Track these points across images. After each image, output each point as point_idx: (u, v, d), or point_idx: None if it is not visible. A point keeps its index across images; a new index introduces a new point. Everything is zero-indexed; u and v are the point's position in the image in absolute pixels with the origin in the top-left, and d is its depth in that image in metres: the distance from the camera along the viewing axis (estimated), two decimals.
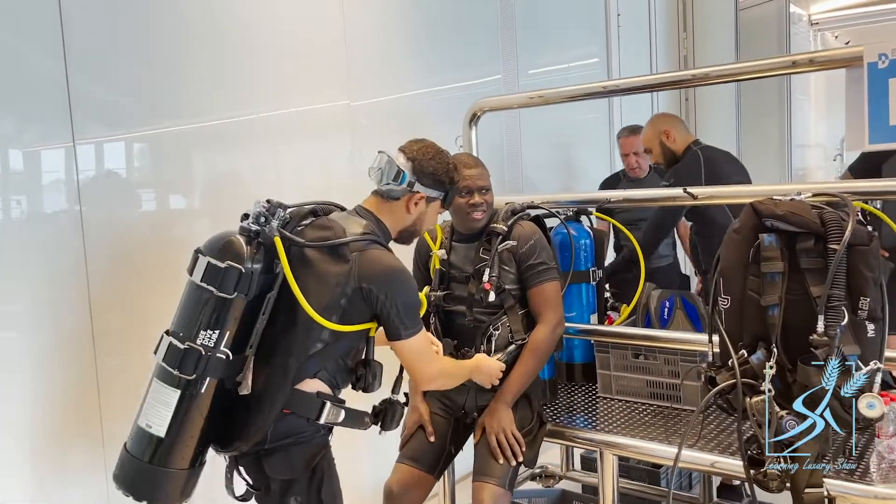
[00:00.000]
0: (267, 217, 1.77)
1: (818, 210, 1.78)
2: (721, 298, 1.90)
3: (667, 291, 2.90)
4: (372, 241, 1.84)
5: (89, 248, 2.18)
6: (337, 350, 1.83)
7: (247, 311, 1.75)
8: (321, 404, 1.80)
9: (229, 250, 1.73)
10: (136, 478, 1.73)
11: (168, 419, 1.70)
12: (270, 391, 1.77)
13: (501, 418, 2.20)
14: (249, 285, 1.72)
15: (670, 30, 5.55)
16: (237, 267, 1.71)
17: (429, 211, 2.00)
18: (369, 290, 1.78)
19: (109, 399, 2.23)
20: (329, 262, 1.79)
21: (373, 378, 1.88)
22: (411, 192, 1.93)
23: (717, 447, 2.07)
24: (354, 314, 1.80)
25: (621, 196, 2.66)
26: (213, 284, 1.70)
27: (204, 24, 2.59)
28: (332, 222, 1.87)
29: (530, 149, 4.19)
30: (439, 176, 1.96)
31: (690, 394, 2.38)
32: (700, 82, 2.28)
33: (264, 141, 2.79)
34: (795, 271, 1.77)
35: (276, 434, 1.78)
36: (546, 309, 2.26)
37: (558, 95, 2.66)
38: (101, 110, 2.28)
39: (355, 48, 3.08)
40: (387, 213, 1.95)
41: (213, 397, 1.74)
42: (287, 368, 1.77)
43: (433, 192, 1.97)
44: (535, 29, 4.24)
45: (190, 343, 1.70)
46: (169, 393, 1.71)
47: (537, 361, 2.26)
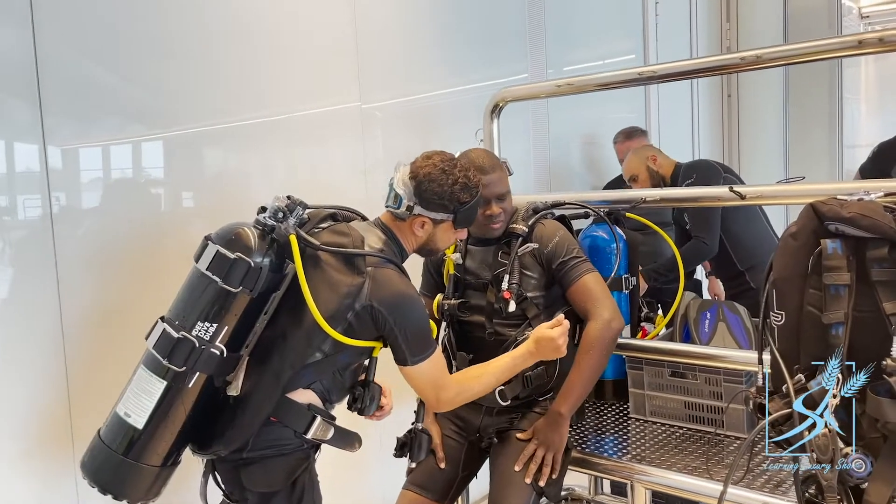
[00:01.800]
0: (285, 213, 1.70)
1: (892, 212, 1.52)
2: (774, 314, 1.64)
3: (708, 301, 2.66)
4: (388, 260, 1.76)
5: (59, 246, 2.04)
6: (336, 363, 1.74)
7: (249, 308, 1.67)
8: (311, 417, 1.71)
9: (240, 242, 1.66)
10: (104, 468, 1.65)
11: (149, 411, 1.62)
12: (259, 396, 1.68)
13: (555, 435, 1.97)
14: (256, 281, 1.63)
15: (712, 21, 5.27)
16: (246, 260, 1.63)
17: (438, 233, 1.86)
18: (379, 312, 1.69)
19: (79, 399, 2.09)
20: (342, 272, 1.71)
21: (370, 400, 1.80)
22: (413, 215, 1.81)
23: (768, 484, 1.83)
24: (360, 330, 1.71)
25: (658, 195, 2.40)
26: (218, 275, 1.62)
27: (209, 25, 2.44)
28: (351, 230, 1.78)
29: (559, 146, 3.97)
30: (441, 200, 1.80)
31: (735, 418, 2.15)
32: (749, 66, 2.01)
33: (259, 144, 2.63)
34: (865, 284, 1.51)
35: (258, 442, 1.69)
36: (594, 304, 2.00)
37: (589, 83, 2.43)
38: (72, 109, 2.13)
39: (367, 49, 2.91)
40: (398, 231, 1.85)
41: (199, 394, 1.66)
42: (280, 374, 1.68)
43: (437, 214, 1.82)
44: (566, 23, 4.01)
45: (185, 333, 1.61)
46: (154, 382, 1.62)
47: (595, 362, 1.98)
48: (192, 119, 2.41)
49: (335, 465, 1.92)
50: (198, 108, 2.42)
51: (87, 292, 2.10)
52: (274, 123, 2.63)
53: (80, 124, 2.15)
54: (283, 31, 2.64)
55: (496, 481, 2.02)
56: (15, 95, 1.98)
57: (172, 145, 2.38)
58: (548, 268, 2.04)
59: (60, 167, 2.09)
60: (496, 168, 2.06)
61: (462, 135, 2.72)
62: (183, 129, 2.40)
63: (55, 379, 2.04)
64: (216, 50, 2.45)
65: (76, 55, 2.11)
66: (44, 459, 2.03)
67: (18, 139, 2.02)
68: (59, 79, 2.04)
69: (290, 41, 2.66)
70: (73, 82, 2.10)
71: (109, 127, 2.24)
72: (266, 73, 2.59)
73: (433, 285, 2.25)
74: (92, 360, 2.10)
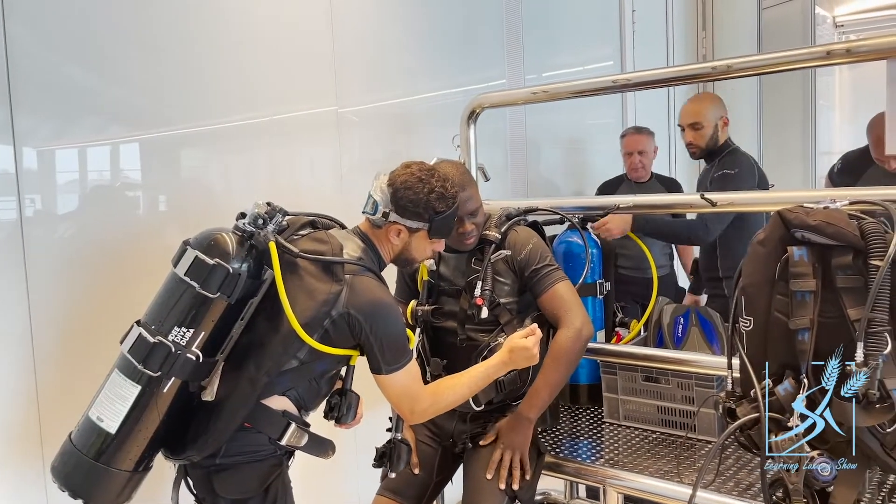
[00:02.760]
0: (265, 220, 1.70)
1: (857, 220, 1.55)
2: (742, 319, 1.66)
3: (681, 307, 2.68)
4: (367, 268, 1.76)
5: (29, 250, 2.01)
6: (312, 371, 1.74)
7: (226, 314, 1.66)
8: (286, 424, 1.71)
9: (219, 247, 1.64)
10: (75, 473, 1.63)
11: (122, 415, 1.61)
12: (234, 402, 1.67)
13: (517, 436, 1.99)
14: (234, 287, 1.63)
15: (688, 29, 5.32)
16: (225, 266, 1.62)
17: (413, 242, 1.86)
18: (356, 319, 1.68)
19: (48, 404, 2.07)
20: (320, 279, 1.69)
21: (347, 409, 1.79)
22: (388, 222, 1.82)
23: (737, 487, 1.85)
24: (336, 338, 1.70)
25: (631, 202, 2.43)
26: (196, 280, 1.61)
27: (188, 27, 2.42)
28: (330, 237, 1.78)
29: (536, 153, 3.98)
30: (416, 208, 1.81)
31: (706, 423, 2.17)
32: (721, 75, 2.04)
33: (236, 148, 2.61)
34: (830, 290, 1.54)
35: (231, 448, 1.68)
36: (565, 312, 2.01)
37: (565, 90, 2.45)
38: (47, 110, 2.11)
39: (345, 53, 2.90)
40: (376, 239, 1.85)
41: (173, 399, 1.64)
42: (256, 381, 1.66)
43: (413, 223, 1.82)
44: (544, 30, 4.02)
45: (161, 338, 1.60)
46: (128, 387, 1.61)
47: (562, 370, 2.01)
48: (169, 122, 2.39)
49: (309, 471, 1.91)
50: (176, 111, 2.40)
51: (58, 297, 2.08)
52: (251, 127, 2.62)
53: (55, 125, 2.13)
54: (261, 34, 2.63)
55: (469, 488, 2.02)
56: None
57: (150, 148, 2.36)
58: (520, 275, 2.05)
59: (35, 169, 2.06)
60: (467, 185, 2.04)
61: (439, 140, 2.72)
62: (160, 132, 2.38)
63: (24, 383, 2.01)
64: (194, 52, 2.43)
65: (51, 54, 2.08)
66: (13, 465, 2.00)
67: None
68: (33, 79, 2.02)
69: (268, 45, 2.65)
70: (48, 82, 2.07)
71: (86, 129, 2.21)
72: (244, 76, 2.57)
73: (407, 291, 2.25)
74: (62, 364, 2.08)
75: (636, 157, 3.79)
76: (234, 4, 2.56)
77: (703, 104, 3.20)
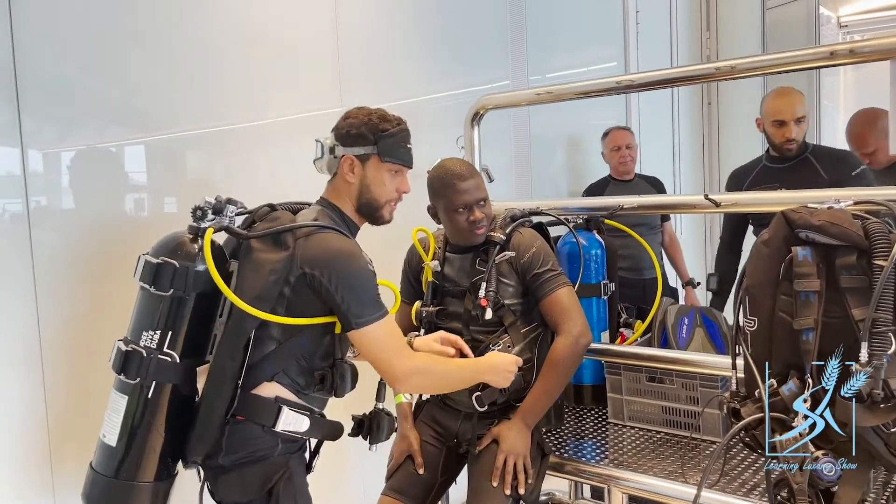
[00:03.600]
0: (204, 210, 1.68)
1: (861, 220, 1.54)
2: (746, 320, 1.66)
3: (686, 307, 2.68)
4: (323, 226, 1.70)
5: (37, 251, 2.02)
6: (295, 349, 1.69)
7: (198, 312, 1.67)
8: (277, 409, 1.67)
9: (167, 247, 1.66)
10: (103, 496, 1.64)
11: (118, 427, 1.62)
12: (210, 392, 1.66)
13: (518, 441, 1.99)
14: (186, 281, 1.62)
15: (692, 29, 5.32)
16: (170, 262, 1.62)
17: (369, 173, 1.79)
18: (312, 276, 1.63)
19: (57, 407, 2.07)
20: (269, 251, 1.67)
21: (341, 379, 1.71)
22: (335, 157, 1.79)
23: (742, 487, 1.85)
24: (302, 304, 1.65)
25: (636, 202, 2.43)
26: (148, 282, 1.63)
27: (192, 30, 2.43)
28: (282, 213, 1.77)
29: (540, 154, 3.98)
30: (358, 130, 1.77)
31: (711, 423, 2.16)
32: (725, 76, 2.04)
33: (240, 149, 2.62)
34: (834, 290, 1.53)
35: (231, 445, 1.66)
36: (565, 318, 2.03)
37: (568, 91, 2.45)
38: (53, 112, 2.12)
39: (349, 54, 2.91)
40: (333, 192, 1.82)
41: (169, 405, 1.65)
42: (224, 370, 1.64)
43: (359, 149, 1.78)
44: (547, 30, 4.02)
45: (133, 345, 1.62)
46: (119, 400, 1.64)
47: (560, 377, 2.03)
48: (174, 123, 2.40)
49: (314, 471, 1.91)
50: (180, 113, 2.41)
51: (65, 298, 2.08)
52: (255, 128, 2.63)
53: (60, 128, 2.14)
54: (266, 36, 2.64)
55: (473, 490, 2.02)
56: None
57: (154, 149, 2.37)
58: (523, 278, 2.06)
59: (41, 171, 2.07)
60: (474, 174, 2.08)
61: (443, 141, 2.73)
62: (165, 134, 2.38)
63: (32, 385, 2.02)
64: (199, 55, 2.44)
65: (56, 58, 2.09)
66: (20, 464, 2.01)
67: None
68: (38, 81, 2.03)
69: (273, 46, 2.66)
70: (54, 85, 2.08)
71: (90, 130, 2.22)
72: (248, 77, 2.58)
73: (412, 293, 2.26)
74: (70, 364, 2.09)
75: (624, 151, 3.80)
76: (238, 7, 2.57)
77: (801, 97, 3.09)
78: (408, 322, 2.21)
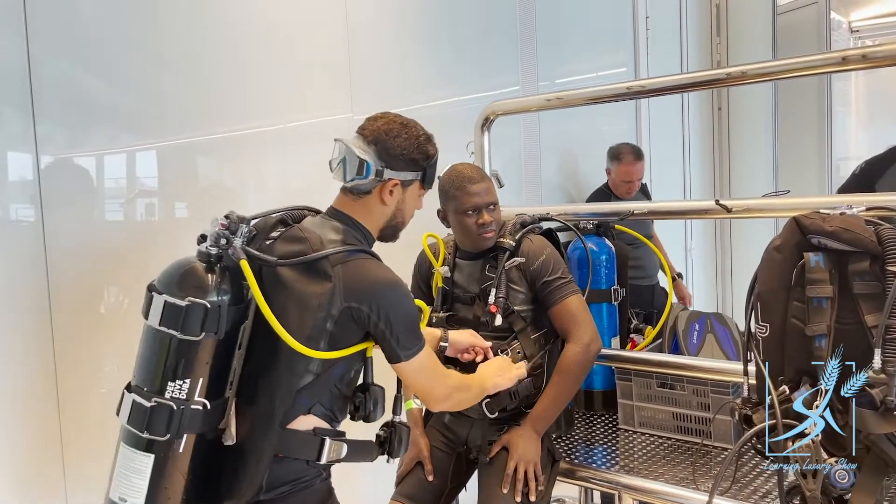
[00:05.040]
0: (228, 237, 1.50)
1: (874, 226, 1.54)
2: (758, 326, 1.66)
3: (696, 313, 2.67)
4: (355, 249, 1.57)
5: (51, 256, 2.02)
6: (330, 379, 1.59)
7: (219, 349, 1.50)
8: (320, 442, 1.57)
9: (188, 282, 1.47)
10: None
11: (145, 489, 1.46)
12: (256, 440, 1.54)
13: (528, 448, 1.98)
14: (218, 321, 1.46)
15: (702, 35, 5.31)
16: (201, 303, 1.44)
17: (407, 197, 1.71)
18: (359, 310, 1.52)
19: (69, 413, 2.07)
20: (308, 282, 1.53)
21: (374, 405, 1.62)
22: (381, 181, 1.64)
23: (754, 494, 1.84)
24: (344, 337, 1.55)
25: (646, 208, 2.42)
26: (174, 328, 1.44)
27: (203, 35, 2.44)
28: (305, 232, 1.62)
29: (550, 159, 3.97)
30: (411, 154, 1.66)
31: (722, 429, 2.15)
32: (736, 81, 2.04)
33: (252, 154, 2.63)
34: (847, 297, 1.53)
35: (273, 482, 1.54)
36: (575, 326, 2.02)
37: (578, 97, 2.45)
38: (66, 118, 2.12)
39: (359, 60, 2.91)
40: (361, 211, 1.67)
41: (192, 453, 1.50)
42: (272, 413, 1.53)
43: (408, 174, 1.67)
44: (557, 36, 4.03)
45: (158, 399, 1.44)
46: (140, 459, 1.46)
47: (570, 384, 2.03)
48: (185, 129, 2.41)
49: None
50: (191, 118, 2.42)
51: (79, 303, 2.09)
52: (267, 133, 2.64)
53: (73, 133, 2.15)
54: (276, 41, 2.65)
55: (484, 497, 2.02)
56: (8, 104, 1.97)
57: (166, 155, 2.38)
58: (532, 285, 2.06)
59: (53, 176, 2.09)
60: (484, 178, 2.09)
61: (454, 146, 2.73)
62: (176, 139, 2.39)
63: (45, 391, 2.03)
64: (210, 60, 2.45)
65: (70, 64, 2.11)
66: (33, 468, 2.02)
67: (11, 148, 2.01)
68: (52, 88, 2.04)
69: (283, 52, 2.67)
70: (67, 91, 2.10)
71: (102, 136, 2.23)
72: (259, 83, 2.59)
73: (421, 298, 2.25)
74: (83, 372, 2.09)
75: (635, 185, 3.74)
76: (248, 13, 2.58)
77: None
78: None
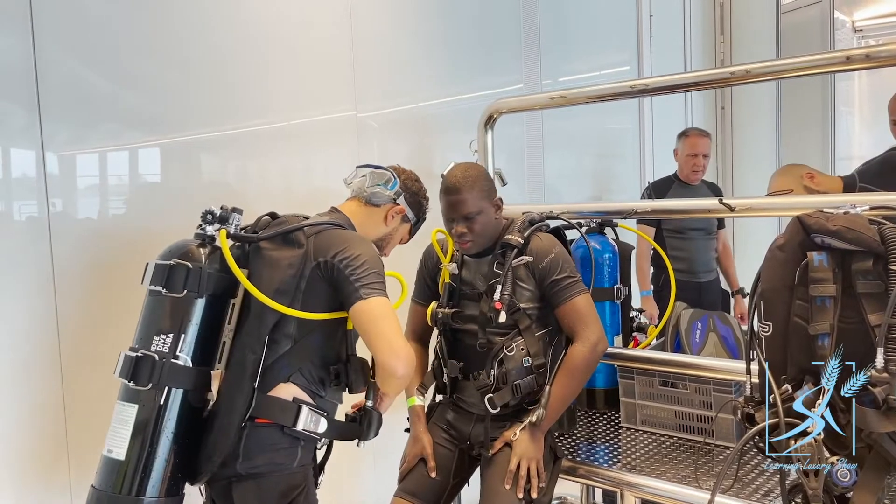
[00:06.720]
0: (213, 216, 1.73)
1: (877, 225, 1.54)
2: (761, 324, 1.66)
3: (699, 312, 2.67)
4: (334, 224, 1.78)
5: (56, 252, 2.05)
6: (309, 348, 1.71)
7: (208, 316, 1.67)
8: (297, 409, 1.68)
9: (178, 251, 1.68)
10: None
11: (127, 439, 1.57)
12: (230, 390, 1.67)
13: (531, 445, 1.99)
14: (199, 282, 1.64)
15: (706, 34, 5.31)
16: (184, 263, 1.65)
17: (401, 231, 2.02)
18: (324, 262, 1.68)
19: (75, 409, 2.09)
20: (282, 250, 1.73)
21: (355, 374, 1.75)
22: (395, 202, 1.94)
23: (756, 493, 1.84)
24: (316, 299, 1.68)
25: (649, 207, 2.43)
26: (160, 284, 1.63)
27: (207, 34, 2.46)
28: (289, 217, 1.83)
29: (554, 157, 3.98)
30: (419, 199, 2.02)
31: (724, 428, 2.16)
32: (740, 80, 2.04)
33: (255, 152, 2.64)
34: (850, 296, 1.53)
35: (248, 450, 1.65)
36: (582, 326, 2.03)
37: (582, 95, 2.45)
38: (70, 115, 2.14)
39: (363, 58, 2.93)
40: (362, 217, 1.91)
41: (179, 416, 1.62)
42: (244, 364, 1.68)
43: (411, 213, 2.01)
44: (560, 35, 4.03)
45: (144, 351, 1.61)
46: (127, 410, 1.60)
47: (575, 383, 2.04)
48: (189, 126, 2.42)
49: (326, 473, 1.92)
50: (195, 116, 2.43)
51: (83, 299, 2.11)
52: (270, 131, 2.65)
53: (77, 130, 2.16)
54: (280, 40, 2.66)
55: (486, 493, 2.02)
56: (13, 101, 1.99)
57: (169, 152, 2.39)
58: (540, 283, 2.06)
59: (57, 173, 2.10)
60: (465, 188, 2.00)
61: (457, 144, 2.74)
62: (180, 136, 2.41)
63: (51, 386, 2.04)
64: (214, 59, 2.46)
65: (75, 61, 2.12)
66: (40, 468, 2.03)
67: (16, 144, 2.02)
68: (57, 84, 2.05)
69: (287, 50, 2.68)
70: (72, 88, 2.11)
71: (107, 133, 2.24)
72: (263, 81, 2.60)
73: (427, 293, 2.26)
74: (89, 366, 2.10)
75: (700, 160, 3.78)
76: (252, 10, 2.59)
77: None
78: (423, 322, 2.22)
